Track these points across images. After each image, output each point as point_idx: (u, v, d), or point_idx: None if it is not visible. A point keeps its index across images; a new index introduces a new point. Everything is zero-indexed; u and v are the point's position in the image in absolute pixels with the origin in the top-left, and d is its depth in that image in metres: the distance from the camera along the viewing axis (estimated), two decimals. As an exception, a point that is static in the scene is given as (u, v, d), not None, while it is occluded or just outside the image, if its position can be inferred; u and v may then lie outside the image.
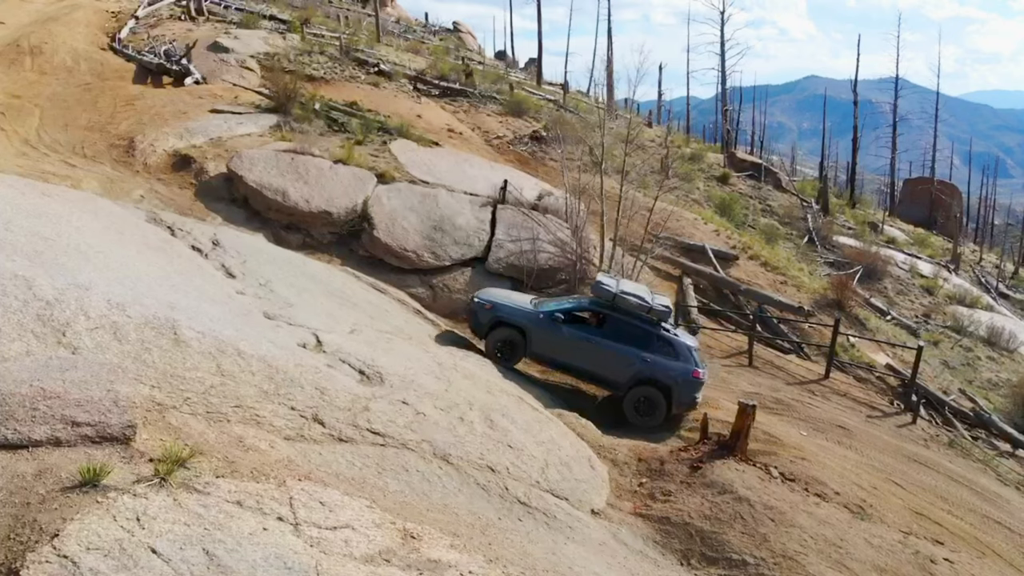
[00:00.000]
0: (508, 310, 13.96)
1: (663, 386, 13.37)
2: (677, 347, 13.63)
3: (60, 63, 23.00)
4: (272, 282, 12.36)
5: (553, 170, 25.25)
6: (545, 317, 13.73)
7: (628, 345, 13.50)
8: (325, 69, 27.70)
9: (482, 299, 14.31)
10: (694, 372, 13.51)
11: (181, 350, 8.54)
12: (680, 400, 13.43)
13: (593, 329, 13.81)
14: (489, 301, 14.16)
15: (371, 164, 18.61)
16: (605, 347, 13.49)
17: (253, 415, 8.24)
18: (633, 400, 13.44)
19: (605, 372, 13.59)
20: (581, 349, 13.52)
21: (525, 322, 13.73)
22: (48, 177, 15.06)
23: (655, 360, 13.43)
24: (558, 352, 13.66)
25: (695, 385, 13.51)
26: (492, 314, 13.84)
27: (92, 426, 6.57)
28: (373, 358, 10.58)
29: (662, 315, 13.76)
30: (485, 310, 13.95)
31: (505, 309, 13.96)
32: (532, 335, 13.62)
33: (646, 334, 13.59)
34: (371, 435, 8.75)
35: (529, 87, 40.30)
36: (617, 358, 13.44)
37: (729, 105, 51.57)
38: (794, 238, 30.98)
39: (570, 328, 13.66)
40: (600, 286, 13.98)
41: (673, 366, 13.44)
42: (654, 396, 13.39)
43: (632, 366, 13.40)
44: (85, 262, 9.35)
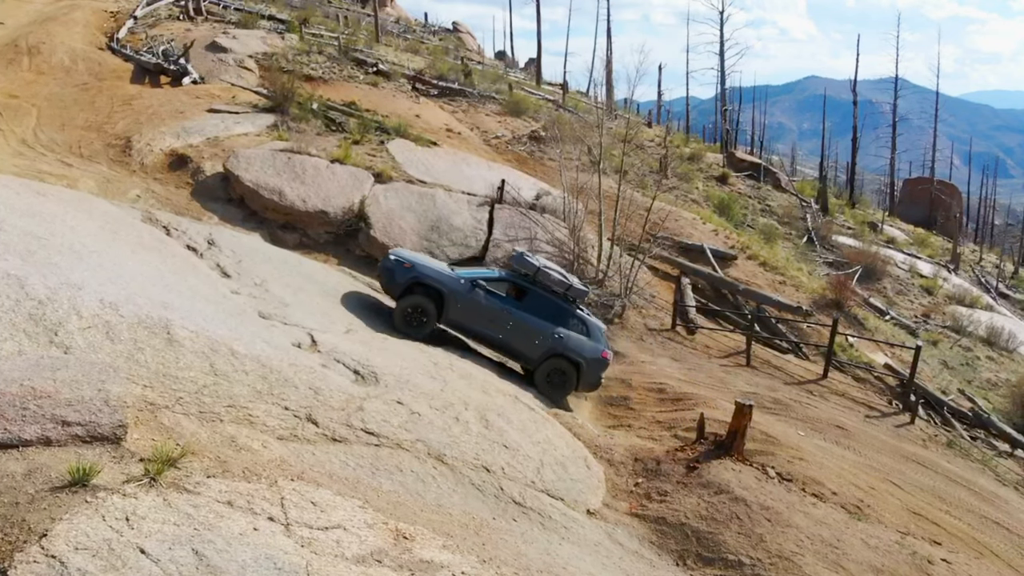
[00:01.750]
0: (430, 271, 13.46)
1: (574, 362, 13.49)
2: (591, 327, 13.81)
3: (58, 63, 22.96)
4: (267, 282, 12.32)
5: (551, 170, 25.22)
6: (466, 283, 13.44)
7: (545, 320, 13.54)
8: (323, 69, 27.67)
9: (401, 257, 13.71)
10: (603, 352, 13.73)
11: (174, 350, 8.51)
12: (587, 379, 13.61)
13: (512, 301, 13.66)
14: (409, 260, 13.60)
15: (368, 164, 18.57)
16: (523, 319, 13.43)
17: (246, 415, 8.20)
18: (545, 371, 13.48)
19: (520, 345, 13.53)
20: (499, 320, 13.37)
21: (446, 286, 13.30)
22: (44, 177, 15.01)
23: (569, 336, 13.53)
24: (475, 321, 13.42)
25: (603, 365, 13.75)
26: (411, 274, 13.28)
27: (83, 426, 6.52)
28: (368, 358, 10.54)
29: (580, 294, 13.97)
30: (404, 268, 13.34)
31: (426, 270, 13.45)
32: (451, 301, 13.27)
33: (563, 310, 13.71)
34: (365, 435, 8.71)
35: (528, 87, 40.29)
36: (533, 331, 13.44)
37: (728, 105, 51.57)
38: (793, 238, 30.95)
39: (490, 298, 13.47)
40: (523, 258, 14.00)
41: (586, 344, 13.60)
42: (566, 369, 13.49)
43: (547, 341, 13.43)
44: (79, 261, 9.31)
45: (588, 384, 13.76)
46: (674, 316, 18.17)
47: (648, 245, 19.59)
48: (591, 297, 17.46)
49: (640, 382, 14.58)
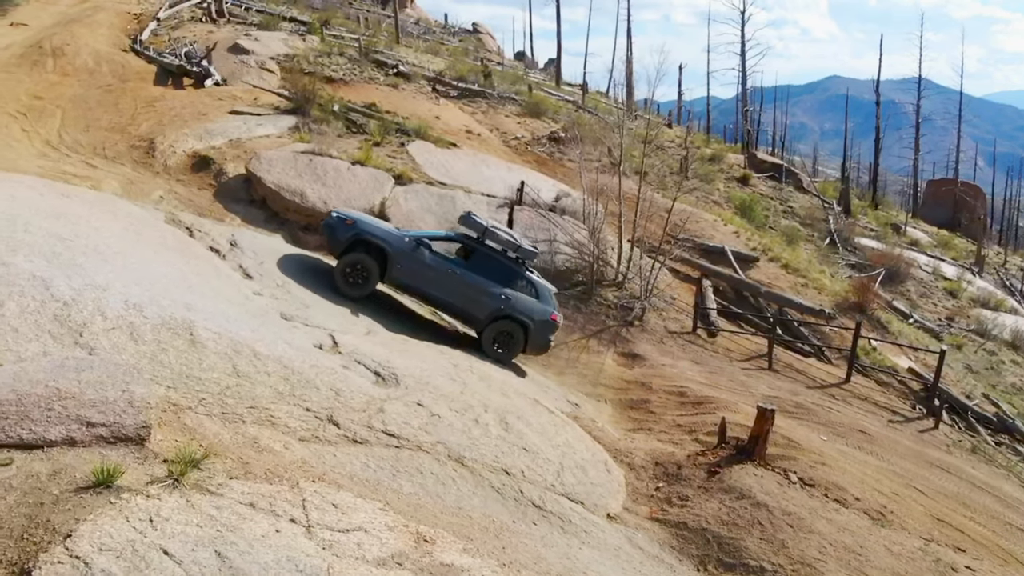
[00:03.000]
0: (372, 227, 13.24)
1: (522, 324, 13.43)
2: (539, 289, 13.74)
3: (82, 65, 23.21)
4: (289, 283, 12.39)
5: (571, 171, 25.16)
6: (411, 241, 13.24)
7: (492, 281, 13.42)
8: (344, 71, 27.79)
9: (343, 214, 13.52)
10: (552, 315, 13.69)
11: (197, 351, 8.57)
12: (536, 340, 13.58)
13: (459, 261, 13.56)
14: (351, 217, 13.39)
15: (389, 165, 18.62)
16: (469, 280, 13.30)
17: (268, 416, 8.24)
18: (492, 333, 13.43)
19: (467, 305, 13.42)
20: (445, 280, 13.23)
21: (389, 244, 13.05)
22: (69, 178, 15.17)
23: (517, 298, 13.47)
24: (420, 281, 13.23)
25: (551, 327, 13.73)
26: (352, 231, 13.04)
27: (107, 427, 6.58)
28: (388, 360, 10.56)
29: (529, 254, 13.89)
30: (345, 226, 13.09)
31: (368, 226, 13.24)
32: (394, 259, 13.04)
33: (511, 272, 13.61)
34: (386, 437, 8.72)
35: (548, 88, 40.24)
36: (480, 292, 13.32)
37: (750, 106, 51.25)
38: (815, 240, 30.68)
39: (435, 257, 13.29)
40: (471, 217, 13.88)
41: (534, 306, 13.55)
42: (514, 331, 13.44)
43: (494, 301, 13.34)
44: (103, 263, 9.41)
45: (536, 346, 13.71)
46: (695, 319, 18.04)
47: (669, 247, 19.49)
48: (611, 299, 17.42)
49: (660, 385, 14.50)
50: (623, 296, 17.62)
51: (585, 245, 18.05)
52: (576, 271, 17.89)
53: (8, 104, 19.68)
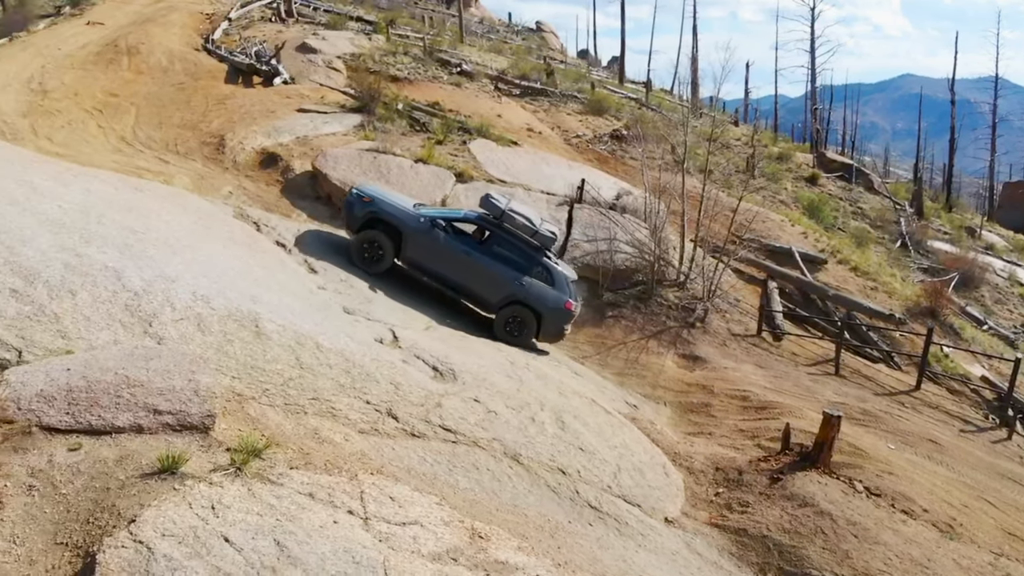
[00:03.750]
0: (388, 207, 13.18)
1: (535, 311, 13.26)
2: (555, 276, 13.45)
3: (156, 63, 23.91)
4: (352, 278, 12.55)
5: (633, 169, 24.90)
6: (426, 221, 13.16)
7: (507, 265, 13.27)
8: (409, 70, 28.04)
9: (361, 191, 13.55)
10: (567, 303, 13.42)
11: (262, 343, 8.73)
12: (548, 328, 13.38)
13: (474, 243, 13.38)
14: (368, 194, 13.38)
15: (450, 163, 18.71)
16: (484, 263, 13.16)
17: (329, 408, 8.35)
18: (504, 317, 13.30)
19: (479, 289, 13.28)
20: (458, 262, 13.09)
21: (404, 223, 13.03)
22: (142, 173, 15.64)
23: (531, 284, 13.27)
24: (434, 261, 13.13)
25: (566, 316, 13.47)
26: (369, 208, 13.08)
27: (173, 414, 6.74)
28: (447, 355, 10.61)
29: (546, 240, 13.58)
30: (363, 203, 13.12)
31: (385, 205, 13.18)
32: (409, 238, 13.00)
33: (527, 257, 13.41)
34: (443, 431, 8.76)
35: (611, 85, 39.93)
36: (494, 276, 13.16)
37: (819, 104, 50.02)
38: (886, 242, 29.75)
39: (450, 238, 13.16)
40: (489, 199, 13.67)
41: (548, 293, 13.32)
42: (526, 317, 13.29)
43: (507, 286, 13.18)
44: (173, 255, 9.66)
45: (549, 334, 13.56)
46: (760, 321, 17.64)
47: (733, 247, 19.10)
48: (672, 299, 17.17)
49: (722, 389, 14.22)
50: (685, 297, 17.34)
51: (646, 244, 17.82)
52: (636, 270, 17.68)
53: (85, 101, 20.42)
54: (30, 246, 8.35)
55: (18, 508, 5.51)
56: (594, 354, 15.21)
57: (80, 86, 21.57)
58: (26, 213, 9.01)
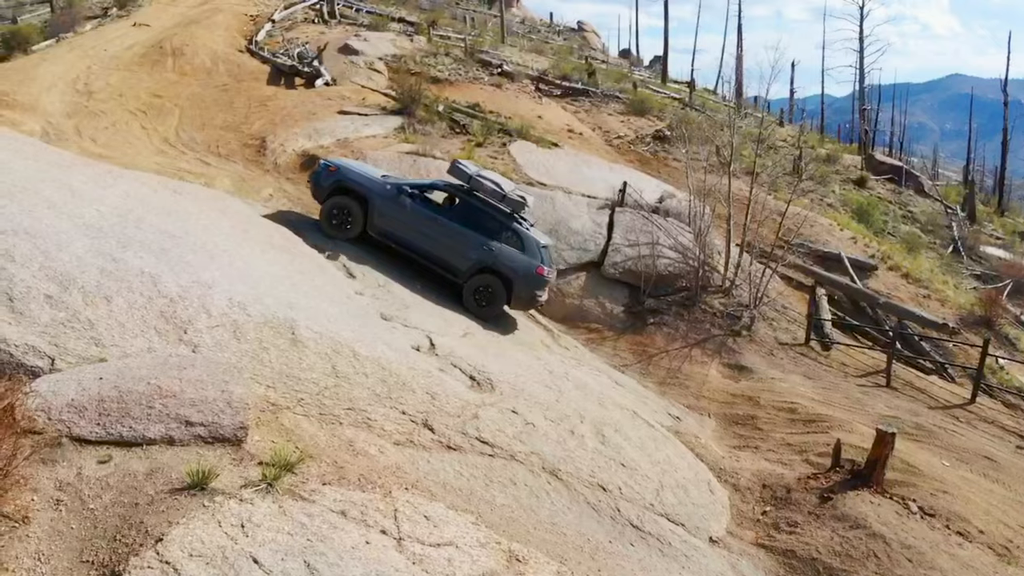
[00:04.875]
0: (353, 175, 13.20)
1: (504, 278, 13.03)
2: (525, 241, 13.23)
3: (200, 65, 24.10)
4: (390, 283, 12.38)
5: (676, 171, 24.42)
6: (392, 189, 13.08)
7: (475, 231, 13.06)
8: (449, 71, 27.90)
9: (329, 161, 13.70)
10: (538, 268, 13.17)
11: (298, 350, 8.58)
12: (520, 294, 13.17)
13: (441, 209, 13.24)
14: (335, 164, 13.49)
15: (490, 166, 18.46)
16: (450, 229, 13.00)
17: (364, 418, 8.17)
18: (473, 286, 13.10)
19: (447, 255, 13.05)
20: (425, 229, 12.96)
21: (369, 190, 13.00)
22: (183, 174, 15.66)
23: (501, 249, 13.06)
24: (401, 229, 12.99)
25: (537, 281, 13.22)
26: (335, 177, 13.09)
27: (205, 426, 6.60)
28: (484, 364, 10.37)
29: (516, 205, 13.31)
30: (329, 172, 13.20)
31: (350, 173, 13.21)
32: (375, 206, 12.93)
33: (496, 223, 13.19)
34: (480, 444, 8.52)
35: (654, 85, 39.39)
36: (461, 242, 12.99)
37: (868, 104, 48.78)
38: (937, 248, 28.79)
39: (416, 205, 13.04)
40: (457, 165, 13.53)
41: (518, 259, 13.09)
42: (495, 286, 13.07)
43: (475, 253, 12.99)
44: (210, 260, 9.55)
45: (521, 301, 13.39)
46: (808, 330, 17.05)
47: (781, 252, 18.53)
48: (716, 306, 16.71)
49: (769, 400, 13.75)
50: (730, 304, 16.83)
51: (690, 249, 17.38)
52: (679, 276, 17.22)
53: (130, 102, 20.60)
54: (66, 251, 8.28)
55: (44, 524, 5.39)
56: (635, 362, 14.84)
57: (125, 87, 21.79)
58: (64, 217, 8.96)
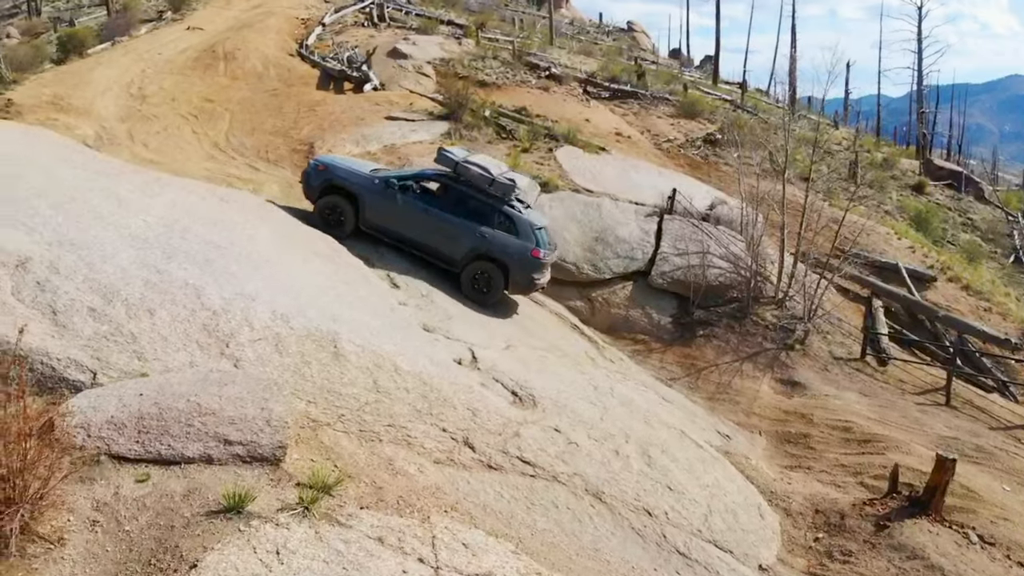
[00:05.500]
0: (341, 171, 13.26)
1: (500, 263, 12.89)
2: (519, 224, 13.06)
3: (251, 69, 24.35)
4: (433, 292, 12.26)
5: (727, 175, 23.92)
6: (380, 183, 13.02)
7: (466, 219, 12.94)
8: (497, 74, 27.77)
9: (319, 160, 13.78)
10: (533, 251, 12.99)
11: (340, 364, 8.48)
12: (517, 279, 13.04)
13: (431, 200, 13.13)
14: (323, 163, 13.56)
15: (536, 172, 18.27)
16: (442, 219, 12.89)
17: (405, 435, 8.03)
18: (470, 275, 12.98)
19: (440, 246, 12.94)
20: (417, 220, 12.87)
21: (358, 186, 12.97)
22: (232, 180, 15.78)
23: (493, 235, 12.91)
24: (392, 222, 12.93)
25: (533, 264, 13.06)
26: (324, 176, 13.14)
27: (244, 445, 6.51)
28: (526, 378, 10.17)
29: (505, 188, 13.10)
30: (318, 172, 13.24)
31: (339, 171, 13.26)
32: (365, 202, 12.89)
33: (488, 208, 13.05)
34: (521, 464, 8.33)
35: (704, 87, 38.74)
36: (453, 231, 12.88)
37: (926, 108, 47.35)
38: (999, 257, 27.75)
39: (405, 197, 12.95)
40: (443, 153, 13.45)
41: (512, 243, 12.95)
42: (492, 272, 12.94)
43: (468, 241, 12.88)
44: (254, 271, 9.52)
45: (518, 286, 13.24)
46: (864, 344, 16.44)
47: (837, 262, 17.89)
48: (769, 319, 16.25)
49: (823, 418, 13.28)
50: (783, 316, 16.32)
51: (742, 259, 16.92)
52: (731, 287, 16.75)
53: (182, 106, 20.89)
54: (111, 262, 8.31)
55: (80, 546, 5.34)
56: (683, 376, 14.49)
57: (177, 91, 22.11)
58: (110, 227, 9.01)
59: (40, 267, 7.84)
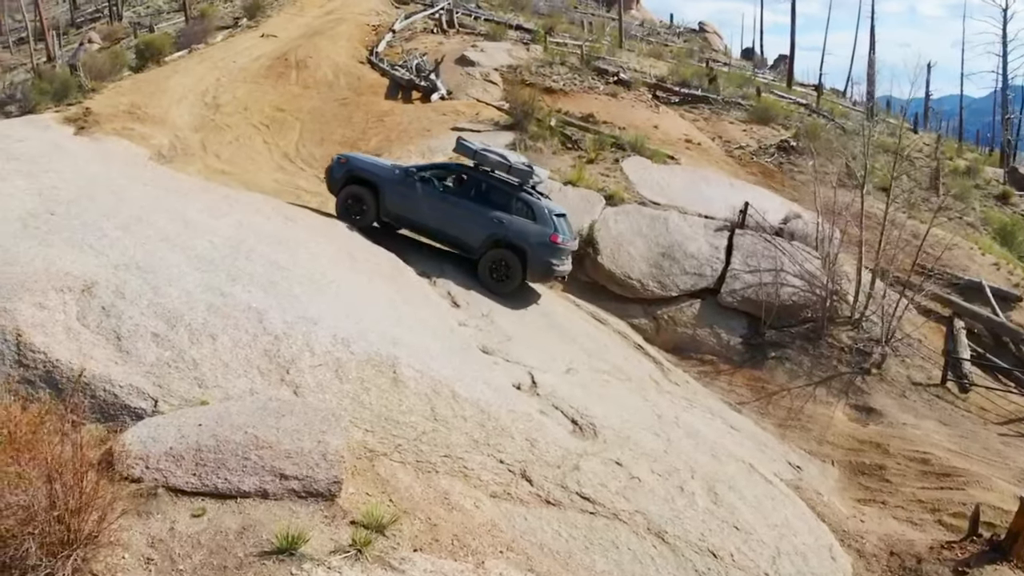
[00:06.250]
0: (362, 163, 13.71)
1: (518, 249, 12.91)
2: (536, 210, 13.13)
3: (322, 77, 24.65)
4: (493, 312, 12.13)
5: (802, 185, 23.08)
6: (400, 173, 13.31)
7: (484, 206, 13.05)
8: (564, 80, 27.49)
9: (342, 155, 14.29)
10: (551, 236, 12.98)
11: (398, 391, 8.41)
12: (535, 265, 13.01)
13: (450, 188, 13.34)
14: (346, 156, 14.07)
15: (601, 185, 17.95)
16: (460, 207, 13.03)
17: (461, 467, 7.90)
18: (488, 263, 13.02)
19: (459, 233, 13.08)
20: (436, 209, 13.05)
21: (378, 177, 13.26)
22: (301, 193, 15.95)
23: (511, 221, 12.98)
24: (412, 212, 13.18)
25: (552, 250, 13.01)
26: (346, 168, 13.52)
27: (299, 480, 6.48)
28: (587, 406, 9.93)
29: (523, 175, 13.24)
30: (340, 164, 13.67)
31: (360, 163, 13.74)
32: (385, 192, 13.15)
33: (505, 195, 13.18)
34: (580, 500, 8.10)
35: (778, 89, 37.65)
36: (471, 218, 12.99)
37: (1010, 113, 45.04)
38: (1092, 276, 26.08)
39: (425, 186, 13.17)
40: (461, 142, 13.79)
41: (530, 228, 12.97)
42: (509, 259, 12.95)
43: (486, 227, 12.96)
44: (317, 293, 9.53)
45: (537, 272, 13.16)
46: (944, 369, 15.55)
47: (919, 280, 16.99)
48: (844, 340, 15.58)
49: (899, 449, 12.64)
50: (860, 338, 15.55)
51: (817, 277, 16.25)
52: (804, 306, 16.06)
53: (253, 116, 21.26)
54: (176, 286, 8.39)
55: (134, 586, 5.34)
56: (752, 400, 13.99)
57: (250, 100, 22.54)
58: (176, 249, 9.12)
59: (106, 292, 7.97)
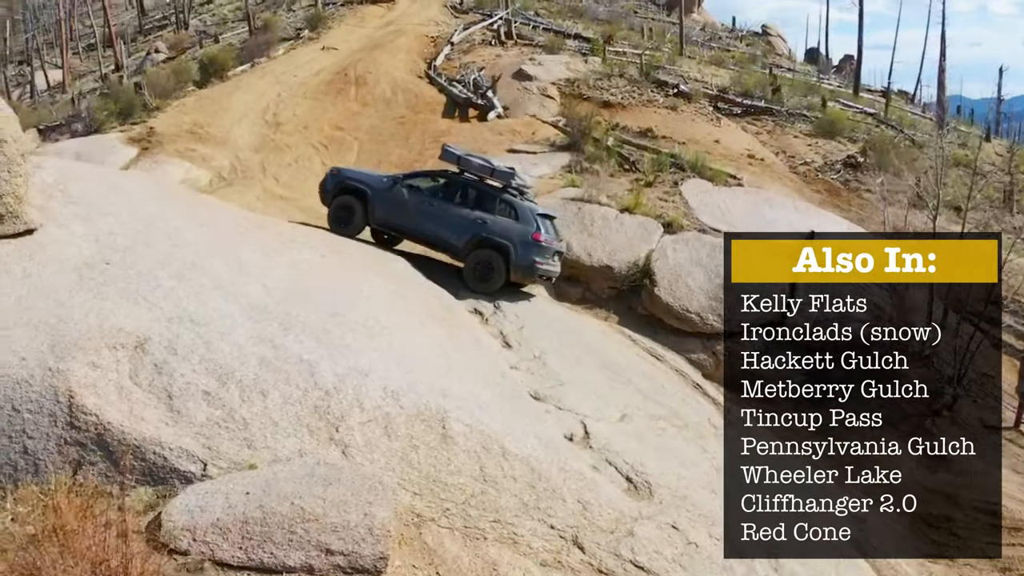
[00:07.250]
0: (352, 174, 14.64)
1: (501, 248, 13.30)
2: (519, 209, 13.62)
3: (380, 94, 24.79)
4: (546, 354, 11.92)
5: (870, 204, 22.26)
6: (388, 181, 14.10)
7: (468, 208, 13.64)
8: (623, 93, 27.14)
9: (335, 167, 15.23)
10: (534, 234, 13.38)
11: (447, 448, 8.28)
12: (518, 263, 13.32)
13: (434, 192, 13.96)
14: (337, 168, 15.01)
15: (658, 211, 17.58)
16: (445, 209, 13.64)
17: (511, 533, 7.73)
18: (473, 263, 13.44)
19: (445, 235, 13.63)
20: (422, 213, 13.69)
21: (367, 184, 14.01)
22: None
23: (494, 221, 13.50)
24: (399, 217, 13.81)
25: (534, 248, 13.38)
26: (336, 179, 14.29)
27: (344, 555, 6.40)
28: (642, 461, 9.66)
29: (506, 177, 13.76)
30: (332, 176, 14.47)
31: (350, 173, 14.70)
32: (373, 199, 13.81)
33: (490, 197, 13.74)
34: (634, 569, 7.86)
35: (844, 98, 36.48)
36: (456, 221, 13.56)
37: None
38: None
39: (411, 192, 13.83)
40: (446, 148, 14.43)
41: (512, 227, 13.44)
42: (492, 259, 13.35)
43: (470, 228, 13.47)
44: (369, 341, 9.45)
45: (520, 271, 13.44)
46: (1019, 410, 14.83)
47: (993, 310, 16.21)
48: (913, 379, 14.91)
49: (969, 499, 12.07)
50: (929, 376, 14.93)
51: (884, 308, 15.62)
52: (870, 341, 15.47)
53: (313, 135, 21.50)
54: (228, 339, 8.39)
55: (175, 675, 5.31)
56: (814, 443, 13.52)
57: (310, 118, 22.79)
58: (230, 298, 9.14)
59: (158, 348, 7.98)
